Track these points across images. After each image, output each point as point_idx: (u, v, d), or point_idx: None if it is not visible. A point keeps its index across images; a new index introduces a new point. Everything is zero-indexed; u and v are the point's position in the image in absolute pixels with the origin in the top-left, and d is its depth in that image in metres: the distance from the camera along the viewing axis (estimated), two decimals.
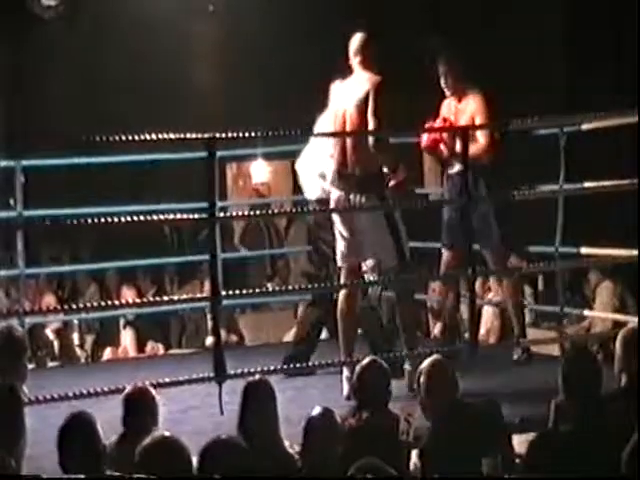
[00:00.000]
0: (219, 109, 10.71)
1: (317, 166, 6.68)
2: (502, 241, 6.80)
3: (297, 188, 7.32)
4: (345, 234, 6.14)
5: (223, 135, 5.66)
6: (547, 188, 7.19)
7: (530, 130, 7.32)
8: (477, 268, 6.32)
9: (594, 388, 4.27)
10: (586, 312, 8.06)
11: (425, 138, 6.80)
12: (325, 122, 6.61)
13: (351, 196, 6.04)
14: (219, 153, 5.69)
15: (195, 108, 10.73)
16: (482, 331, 8.66)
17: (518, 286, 7.19)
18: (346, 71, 6.18)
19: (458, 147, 6.60)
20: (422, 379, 4.48)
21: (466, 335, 7.63)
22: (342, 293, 6.24)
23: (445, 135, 6.74)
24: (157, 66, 10.98)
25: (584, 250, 6.93)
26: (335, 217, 6.21)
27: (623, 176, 6.63)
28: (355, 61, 6.14)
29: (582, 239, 6.97)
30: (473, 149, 6.44)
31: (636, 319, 6.59)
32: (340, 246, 6.19)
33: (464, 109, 6.77)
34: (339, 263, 6.26)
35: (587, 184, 6.91)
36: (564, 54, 11.05)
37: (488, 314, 8.96)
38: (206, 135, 5.56)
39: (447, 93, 6.85)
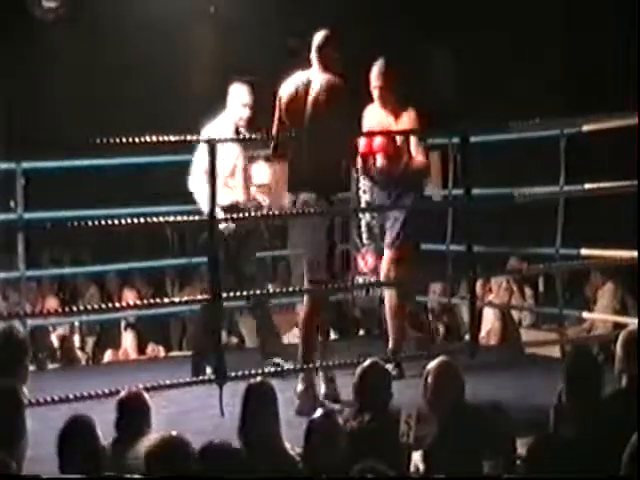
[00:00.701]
0: (220, 111, 10.71)
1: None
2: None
3: None
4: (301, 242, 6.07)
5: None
6: (548, 190, 7.19)
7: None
8: (477, 270, 6.33)
9: (595, 389, 4.27)
10: (585, 314, 8.05)
11: (363, 143, 6.48)
12: (224, 124, 6.57)
13: (302, 195, 5.90)
14: None
15: (196, 110, 10.72)
16: (482, 333, 8.66)
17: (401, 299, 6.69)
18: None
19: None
20: (429, 380, 4.48)
21: (466, 336, 7.64)
22: (308, 302, 6.03)
23: (384, 143, 6.51)
24: (158, 67, 10.98)
25: (584, 252, 6.93)
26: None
27: (624, 178, 6.64)
28: (315, 60, 5.97)
29: (583, 241, 6.97)
30: (415, 163, 6.51)
31: (636, 321, 6.58)
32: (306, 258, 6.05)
33: (399, 126, 6.57)
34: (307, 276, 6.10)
35: (587, 186, 6.92)
36: (564, 56, 11.05)
37: (489, 315, 8.96)
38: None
39: (379, 104, 6.61)
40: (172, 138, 5.64)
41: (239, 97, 6.71)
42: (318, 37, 6.03)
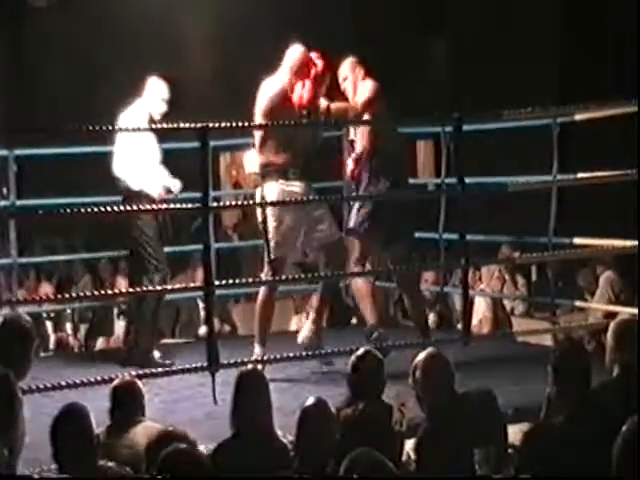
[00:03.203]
0: (214, 98, 10.70)
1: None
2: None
3: None
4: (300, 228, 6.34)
5: (216, 125, 5.64)
6: (541, 178, 7.20)
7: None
8: (470, 259, 6.33)
9: (583, 379, 4.26)
10: (577, 303, 8.05)
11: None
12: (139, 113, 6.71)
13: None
14: (213, 143, 5.67)
15: (191, 96, 10.71)
16: (475, 321, 8.67)
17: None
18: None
19: None
20: (419, 370, 4.49)
21: (459, 325, 7.65)
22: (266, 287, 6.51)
23: None
24: (153, 53, 10.95)
25: (577, 241, 6.94)
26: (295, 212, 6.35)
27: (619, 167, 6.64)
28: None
29: (581, 230, 6.97)
30: None
31: (631, 310, 6.60)
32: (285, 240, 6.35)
33: None
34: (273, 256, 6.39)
35: (580, 175, 6.93)
36: (559, 53, 11.04)
37: (480, 304, 8.97)
38: (199, 125, 5.55)
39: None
40: (165, 126, 5.62)
41: (159, 91, 6.88)
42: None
